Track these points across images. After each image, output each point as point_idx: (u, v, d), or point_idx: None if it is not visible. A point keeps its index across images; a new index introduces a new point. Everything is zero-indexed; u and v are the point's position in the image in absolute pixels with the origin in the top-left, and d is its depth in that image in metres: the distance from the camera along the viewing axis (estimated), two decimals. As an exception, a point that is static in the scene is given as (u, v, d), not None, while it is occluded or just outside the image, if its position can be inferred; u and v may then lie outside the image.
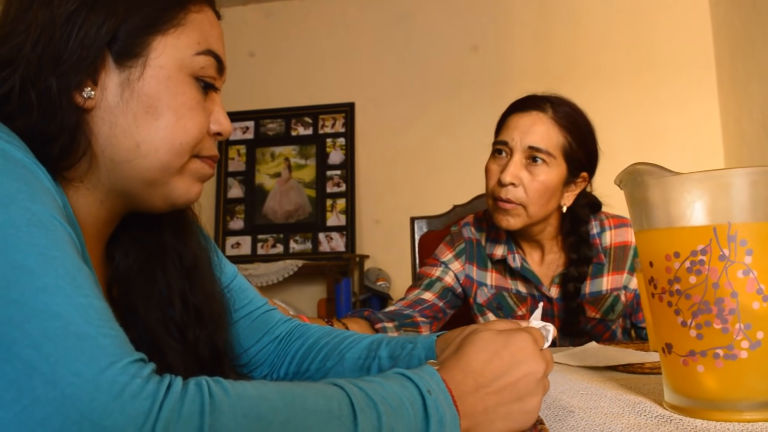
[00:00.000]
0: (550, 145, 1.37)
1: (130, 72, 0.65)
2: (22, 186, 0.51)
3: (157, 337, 0.73)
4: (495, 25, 3.65)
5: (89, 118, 0.65)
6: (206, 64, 0.70)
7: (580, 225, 1.46)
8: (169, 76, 0.67)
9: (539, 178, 1.36)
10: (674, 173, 0.66)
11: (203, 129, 0.70)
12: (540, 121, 1.38)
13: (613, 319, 1.45)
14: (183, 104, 0.68)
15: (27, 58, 0.61)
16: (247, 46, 3.87)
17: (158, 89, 0.66)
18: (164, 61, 0.67)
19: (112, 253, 0.76)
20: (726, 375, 0.64)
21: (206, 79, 0.71)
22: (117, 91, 0.65)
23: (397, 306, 1.47)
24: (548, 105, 1.40)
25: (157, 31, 0.66)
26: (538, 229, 1.45)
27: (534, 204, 1.37)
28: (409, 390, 0.56)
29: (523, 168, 1.37)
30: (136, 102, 0.65)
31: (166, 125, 0.66)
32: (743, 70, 2.98)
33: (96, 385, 0.43)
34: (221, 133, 0.74)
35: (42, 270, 0.47)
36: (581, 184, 1.45)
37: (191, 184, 0.72)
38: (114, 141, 0.65)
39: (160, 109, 0.66)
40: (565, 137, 1.38)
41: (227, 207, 3.79)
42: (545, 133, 1.37)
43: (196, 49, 0.69)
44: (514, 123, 1.41)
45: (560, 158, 1.38)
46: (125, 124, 0.65)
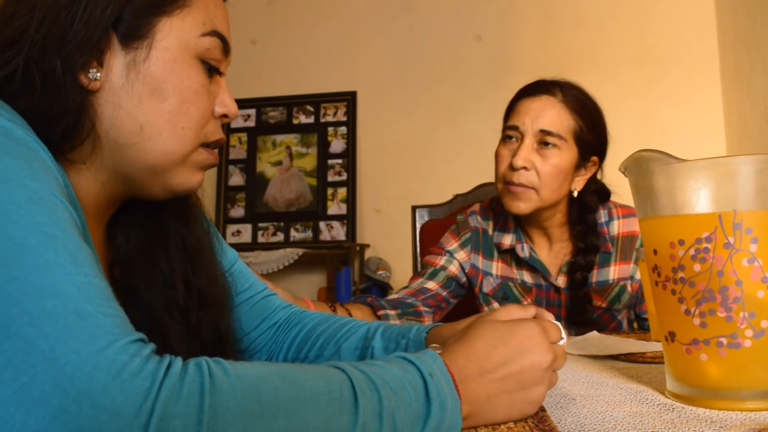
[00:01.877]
0: (561, 128, 1.37)
1: (136, 53, 0.65)
2: (23, 164, 0.51)
3: (159, 320, 0.73)
4: (498, 15, 3.63)
5: (94, 100, 0.64)
6: (212, 46, 0.69)
7: (587, 213, 1.46)
8: (175, 58, 0.67)
9: (551, 162, 1.36)
10: (680, 160, 0.66)
11: (207, 113, 0.70)
12: (550, 104, 1.38)
13: (619, 308, 1.45)
14: (188, 87, 0.67)
15: (32, 39, 0.60)
16: (249, 33, 3.86)
17: (164, 71, 0.66)
18: (170, 43, 0.66)
19: (113, 234, 0.76)
20: (729, 364, 0.64)
21: (211, 62, 0.70)
22: (122, 72, 0.65)
23: (401, 294, 1.47)
24: (558, 89, 1.40)
25: (163, 12, 0.66)
26: (546, 215, 1.45)
27: (546, 187, 1.37)
28: (410, 373, 0.56)
29: (534, 152, 1.37)
30: (141, 84, 0.65)
31: (170, 108, 0.66)
32: (747, 62, 2.97)
33: (95, 363, 0.42)
34: (227, 115, 0.73)
35: (42, 248, 0.47)
36: (592, 168, 1.44)
37: (193, 173, 0.72)
38: (118, 123, 0.65)
39: (165, 92, 0.66)
40: (575, 120, 1.38)
41: (228, 195, 3.79)
42: (556, 117, 1.37)
43: (201, 30, 0.68)
44: (524, 107, 1.40)
45: (571, 141, 1.38)
46: (130, 106, 0.65)
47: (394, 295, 1.48)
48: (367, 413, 0.50)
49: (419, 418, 0.54)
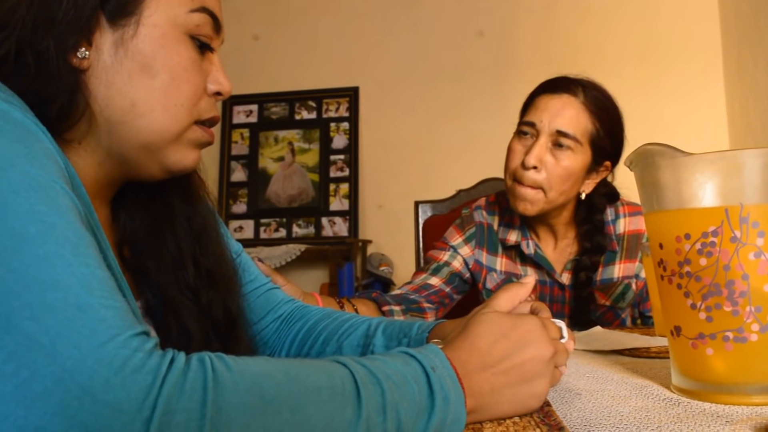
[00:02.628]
0: (578, 130, 1.34)
1: (124, 31, 0.65)
2: (21, 148, 0.50)
3: (171, 298, 0.73)
4: (501, 11, 3.62)
5: (86, 79, 0.64)
6: (201, 22, 0.69)
7: (595, 214, 1.44)
8: (164, 33, 0.66)
9: (563, 164, 1.34)
10: (686, 154, 0.65)
11: (199, 89, 0.70)
12: (570, 104, 1.35)
13: (623, 307, 1.44)
14: (178, 63, 0.67)
15: (22, 21, 0.60)
16: (251, 29, 3.85)
17: (152, 48, 0.65)
18: (158, 19, 0.66)
19: (117, 215, 0.76)
20: (735, 358, 0.63)
21: (202, 38, 0.69)
22: (111, 50, 0.64)
23: (404, 290, 1.46)
24: (580, 89, 1.36)
25: None
26: (553, 213, 1.43)
27: (554, 189, 1.35)
28: (412, 367, 0.56)
29: (547, 151, 1.34)
30: (130, 61, 0.65)
31: (160, 85, 0.66)
32: (750, 57, 2.95)
33: (97, 358, 0.42)
34: (221, 93, 0.73)
35: (42, 238, 0.46)
36: (603, 173, 1.42)
37: (188, 151, 0.71)
38: (110, 101, 0.65)
39: (155, 68, 0.65)
40: (593, 124, 1.35)
41: (230, 190, 3.79)
42: (575, 118, 1.34)
43: (190, 6, 0.68)
44: (543, 104, 1.37)
45: (586, 145, 1.35)
46: (120, 83, 0.65)
47: (398, 290, 1.47)
48: (370, 407, 0.50)
49: (423, 411, 0.53)
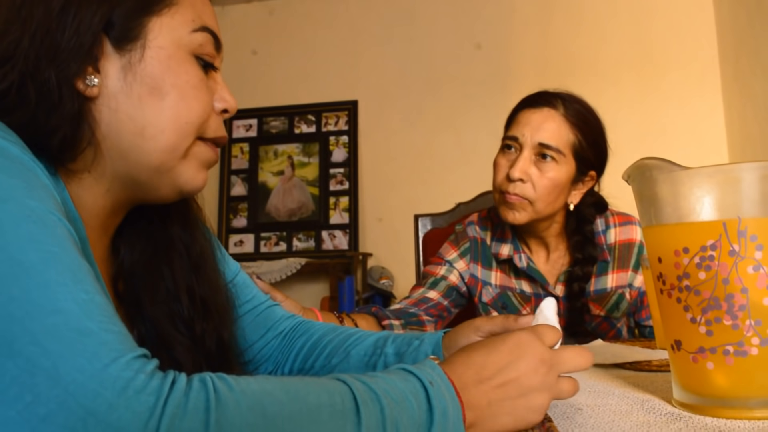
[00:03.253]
0: (561, 142, 1.36)
1: (131, 55, 0.65)
2: (19, 182, 0.51)
3: (164, 332, 0.73)
4: (498, 23, 3.64)
5: (92, 107, 0.64)
6: (204, 41, 0.70)
7: (585, 224, 1.45)
8: (170, 55, 0.67)
9: (548, 175, 1.36)
10: (683, 168, 0.66)
11: (207, 107, 0.70)
12: (551, 118, 1.37)
13: (617, 317, 1.44)
14: (186, 82, 0.68)
15: (25, 53, 0.60)
16: (250, 43, 3.87)
17: (161, 69, 0.66)
18: (163, 41, 0.67)
19: (117, 247, 0.76)
20: (736, 372, 0.63)
21: (205, 57, 0.70)
22: (119, 75, 0.65)
23: (402, 304, 1.47)
24: (560, 102, 1.39)
25: (151, 12, 0.66)
26: (543, 226, 1.45)
27: (541, 200, 1.37)
28: (411, 383, 0.56)
29: (532, 164, 1.37)
30: (139, 84, 0.65)
31: (171, 105, 0.66)
32: (748, 66, 2.97)
33: (100, 380, 0.42)
34: (227, 110, 0.73)
35: (42, 266, 0.46)
36: (589, 183, 1.44)
37: (197, 170, 0.72)
38: (119, 126, 0.65)
39: (164, 89, 0.66)
40: (575, 135, 1.37)
41: (230, 205, 3.79)
42: (556, 131, 1.36)
43: (191, 27, 0.69)
44: (525, 119, 1.39)
45: (570, 156, 1.37)
46: (130, 108, 0.65)
47: (397, 305, 1.48)
48: (370, 424, 0.50)
49: (422, 426, 0.54)
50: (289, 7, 3.90)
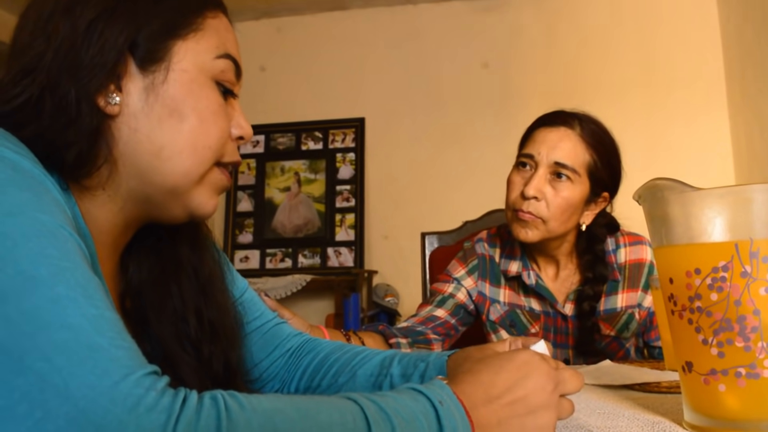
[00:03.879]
0: (576, 162, 1.36)
1: (154, 76, 0.66)
2: (31, 196, 0.51)
3: (170, 351, 0.73)
4: (505, 43, 3.66)
5: (112, 124, 0.65)
6: (226, 68, 0.71)
7: (596, 243, 1.45)
8: (192, 79, 0.68)
9: (562, 194, 1.36)
10: (695, 188, 0.65)
11: (225, 133, 0.71)
12: (567, 137, 1.38)
13: (627, 337, 1.43)
14: (207, 107, 0.68)
15: (48, 67, 0.61)
16: (258, 60, 3.89)
17: (182, 92, 0.67)
18: (186, 65, 0.67)
19: (126, 264, 0.76)
20: (748, 394, 0.63)
21: (226, 84, 0.72)
22: (141, 95, 0.65)
23: (410, 323, 1.46)
24: (576, 122, 1.39)
25: (177, 35, 0.67)
26: (554, 244, 1.44)
27: (554, 219, 1.37)
28: (421, 402, 0.56)
29: (546, 183, 1.37)
30: (161, 105, 0.66)
31: (190, 128, 0.67)
32: (754, 83, 2.97)
33: (110, 397, 0.42)
34: (243, 137, 0.74)
35: (53, 281, 0.46)
36: (602, 204, 1.44)
37: (210, 196, 0.72)
38: (137, 146, 0.66)
39: (184, 112, 0.67)
40: (591, 155, 1.38)
41: (236, 220, 3.80)
42: (572, 150, 1.37)
43: (215, 53, 0.70)
44: (541, 137, 1.40)
45: (584, 176, 1.37)
46: (149, 128, 0.65)
47: (404, 323, 1.47)
48: (381, 443, 0.50)
49: None
50: (297, 24, 3.93)
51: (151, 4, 0.67)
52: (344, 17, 3.88)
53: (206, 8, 0.71)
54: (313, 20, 3.91)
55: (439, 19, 3.75)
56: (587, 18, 3.57)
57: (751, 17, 2.96)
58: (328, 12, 3.89)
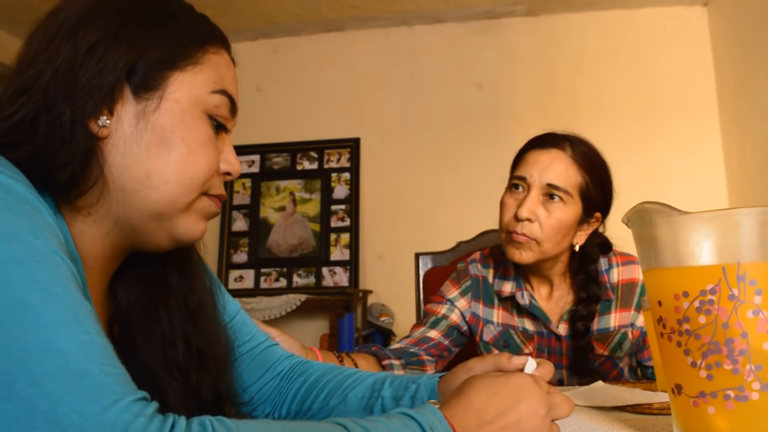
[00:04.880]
0: (568, 183, 1.37)
1: (147, 104, 0.66)
2: (24, 221, 0.51)
3: (157, 378, 0.72)
4: (499, 64, 3.69)
5: (103, 146, 0.65)
6: (220, 103, 0.71)
7: (589, 263, 1.46)
8: (185, 110, 0.68)
9: (555, 216, 1.37)
10: (682, 212, 0.66)
11: (213, 166, 0.71)
12: (559, 159, 1.39)
13: (620, 356, 1.44)
14: (196, 139, 0.68)
15: (45, 87, 0.61)
16: (254, 80, 3.91)
17: (173, 122, 0.67)
18: (180, 96, 0.68)
19: (115, 289, 0.76)
20: (737, 417, 0.63)
21: (219, 119, 0.72)
22: (132, 121, 0.66)
23: (403, 344, 1.46)
24: (568, 144, 1.40)
25: (176, 67, 0.68)
26: (548, 265, 1.45)
27: (548, 240, 1.37)
28: (411, 428, 0.56)
29: (539, 204, 1.38)
30: (150, 133, 0.66)
31: (177, 158, 0.67)
32: (746, 109, 2.99)
33: (99, 424, 0.42)
34: (230, 173, 0.74)
35: (44, 306, 0.46)
36: (594, 224, 1.45)
37: (197, 222, 0.72)
38: (126, 171, 0.66)
39: (173, 142, 0.67)
40: (582, 177, 1.39)
41: (231, 240, 3.79)
42: (564, 172, 1.38)
43: (212, 88, 0.70)
44: (533, 159, 1.41)
45: (577, 197, 1.38)
46: (138, 153, 0.66)
47: (397, 344, 1.47)
48: (370, 469, 0.50)
49: None
50: (294, 45, 3.95)
51: (154, 34, 0.67)
52: (340, 38, 3.90)
53: (208, 43, 0.71)
54: (309, 41, 3.94)
55: (434, 40, 3.79)
56: (581, 41, 3.61)
57: (743, 44, 3.00)
58: (324, 33, 3.92)
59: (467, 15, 3.71)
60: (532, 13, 3.66)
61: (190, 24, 0.71)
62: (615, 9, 3.57)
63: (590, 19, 3.61)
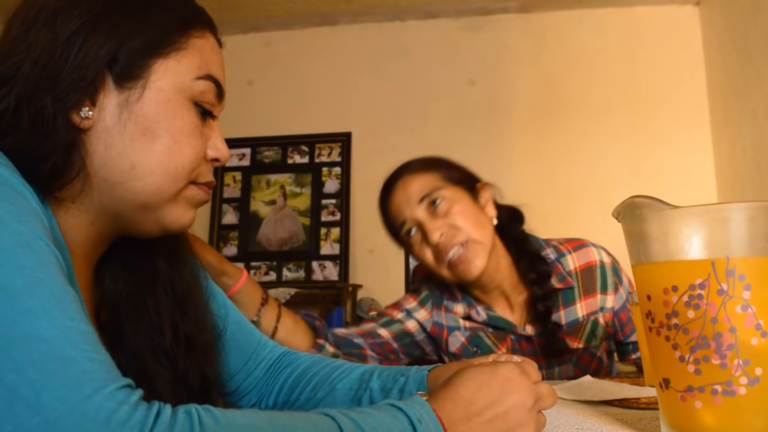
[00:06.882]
0: (431, 185, 1.38)
1: (130, 93, 0.65)
2: (8, 206, 0.50)
3: (145, 365, 0.72)
4: (491, 61, 3.69)
5: (85, 138, 0.64)
6: (206, 89, 0.69)
7: (523, 244, 1.43)
8: (169, 99, 0.66)
9: (452, 210, 1.35)
10: (672, 206, 0.66)
11: (199, 154, 0.70)
12: (405, 183, 1.42)
13: (596, 345, 1.41)
14: (181, 128, 0.67)
15: (25, 77, 0.60)
16: (246, 74, 3.89)
17: (157, 111, 0.65)
18: (164, 84, 0.66)
19: (101, 276, 0.75)
20: (724, 411, 0.63)
21: (205, 105, 0.70)
22: (115, 111, 0.64)
23: (350, 331, 1.42)
24: (401, 172, 1.46)
25: (159, 54, 0.66)
26: (492, 268, 1.38)
27: (472, 230, 1.34)
28: (399, 420, 0.56)
29: (434, 218, 1.36)
30: (133, 123, 0.64)
31: (162, 148, 0.66)
32: (736, 110, 3.01)
33: (82, 411, 0.41)
34: (218, 159, 0.73)
35: (27, 292, 0.46)
36: (486, 192, 1.44)
37: (185, 210, 0.71)
38: (109, 162, 0.65)
39: (157, 132, 0.65)
40: (433, 173, 1.41)
41: (221, 233, 3.78)
42: (420, 183, 1.39)
43: (196, 74, 0.69)
44: (395, 204, 1.44)
45: (448, 187, 1.39)
46: (122, 145, 0.64)
47: (343, 330, 1.42)
48: (358, 460, 0.50)
49: None
50: (285, 39, 3.94)
51: (136, 20, 0.65)
52: (332, 33, 3.89)
53: (193, 27, 0.70)
54: (302, 35, 3.92)
55: (427, 36, 3.78)
56: (573, 37, 3.61)
57: (733, 40, 3.01)
58: (317, 27, 3.90)
59: (460, 11, 3.71)
60: (524, 9, 3.67)
61: (172, 8, 0.69)
62: (607, 7, 3.57)
63: (583, 16, 3.62)
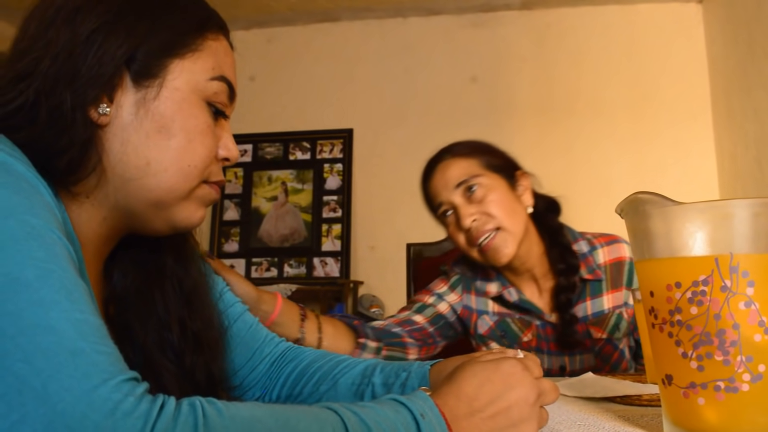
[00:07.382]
0: (470, 171, 1.40)
1: (147, 91, 0.66)
2: (22, 199, 0.51)
3: (153, 359, 0.73)
4: (493, 58, 3.68)
5: (102, 134, 0.65)
6: (219, 90, 0.71)
7: (556, 235, 1.46)
8: (184, 98, 0.68)
9: (487, 198, 1.37)
10: (676, 203, 0.66)
11: (212, 153, 0.71)
12: (447, 166, 1.43)
13: (619, 337, 1.43)
14: (195, 127, 0.69)
15: (44, 73, 0.61)
16: (248, 70, 3.89)
17: (172, 110, 0.67)
18: (180, 84, 0.68)
19: (110, 271, 0.76)
20: (727, 408, 0.63)
21: (218, 105, 0.72)
22: (132, 109, 0.66)
23: (387, 322, 1.44)
24: (444, 153, 1.46)
25: (175, 54, 0.68)
26: (523, 255, 1.42)
27: (504, 218, 1.36)
28: (402, 415, 0.56)
29: (469, 204, 1.38)
30: (149, 121, 0.66)
31: (176, 146, 0.67)
32: (739, 108, 3.00)
33: (88, 402, 0.42)
34: (229, 159, 0.75)
35: (38, 283, 0.46)
36: (525, 180, 1.46)
37: (196, 209, 0.73)
38: (125, 158, 0.66)
39: (172, 130, 0.67)
40: (474, 159, 1.42)
41: (222, 229, 3.78)
42: (459, 168, 1.41)
43: (210, 75, 0.70)
44: (433, 187, 1.46)
45: (486, 173, 1.40)
46: (137, 141, 0.66)
47: (380, 322, 1.45)
48: (361, 454, 0.50)
49: None
50: (288, 35, 3.94)
51: (153, 21, 0.67)
52: (334, 29, 3.89)
53: (208, 29, 0.72)
54: (304, 31, 3.92)
55: (429, 32, 3.78)
56: (576, 36, 3.61)
57: (736, 37, 3.00)
58: (319, 23, 3.90)
59: (462, 8, 3.70)
60: (526, 6, 3.66)
61: (189, 11, 0.71)
62: (610, 4, 3.57)
63: (585, 13, 3.61)
